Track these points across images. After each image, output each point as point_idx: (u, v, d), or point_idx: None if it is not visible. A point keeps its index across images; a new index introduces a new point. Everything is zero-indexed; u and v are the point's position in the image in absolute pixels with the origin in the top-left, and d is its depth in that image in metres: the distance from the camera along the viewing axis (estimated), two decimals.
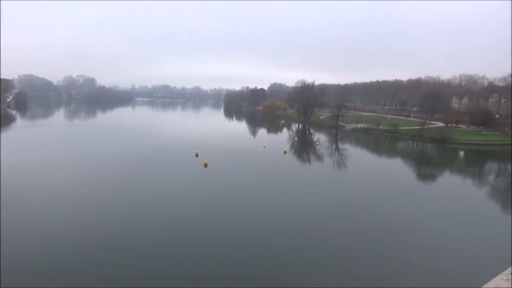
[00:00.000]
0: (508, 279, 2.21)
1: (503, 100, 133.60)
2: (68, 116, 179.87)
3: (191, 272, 25.57)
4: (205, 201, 42.51)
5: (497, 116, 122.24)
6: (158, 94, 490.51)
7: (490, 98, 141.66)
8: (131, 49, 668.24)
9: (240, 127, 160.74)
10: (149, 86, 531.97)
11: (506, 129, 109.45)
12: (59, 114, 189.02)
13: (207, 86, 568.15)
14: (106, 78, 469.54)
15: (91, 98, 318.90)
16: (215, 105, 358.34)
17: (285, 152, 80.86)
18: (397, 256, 29.20)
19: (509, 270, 2.33)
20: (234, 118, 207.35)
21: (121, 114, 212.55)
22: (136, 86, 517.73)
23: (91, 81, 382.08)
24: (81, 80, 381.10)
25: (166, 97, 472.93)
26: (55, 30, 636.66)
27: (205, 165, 61.71)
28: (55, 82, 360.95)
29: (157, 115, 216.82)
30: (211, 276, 25.14)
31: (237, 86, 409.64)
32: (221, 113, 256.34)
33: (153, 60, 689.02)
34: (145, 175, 54.43)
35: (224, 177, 55.62)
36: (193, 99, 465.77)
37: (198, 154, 70.31)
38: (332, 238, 32.45)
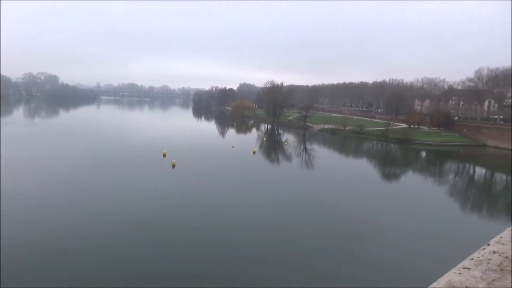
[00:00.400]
0: (460, 273, 2.25)
1: (461, 103, 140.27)
2: (28, 115, 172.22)
3: (153, 274, 25.09)
4: (171, 202, 41.87)
5: (456, 118, 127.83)
6: (124, 93, 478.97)
7: (450, 101, 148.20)
8: (96, 47, 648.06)
9: (209, 127, 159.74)
10: (115, 84, 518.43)
11: (465, 130, 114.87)
12: (18, 113, 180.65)
13: (175, 85, 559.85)
14: (69, 76, 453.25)
15: (53, 96, 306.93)
16: (184, 105, 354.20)
17: (254, 153, 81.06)
18: (361, 255, 29.87)
19: (461, 264, 2.38)
20: (203, 118, 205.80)
21: (85, 113, 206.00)
22: (101, 85, 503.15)
23: (53, 79, 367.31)
24: (42, 77, 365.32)
25: (133, 96, 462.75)
26: (12, 25, 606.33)
27: (173, 166, 60.83)
28: (13, 79, 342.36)
29: (123, 114, 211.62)
30: (174, 277, 24.80)
31: (206, 86, 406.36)
32: (189, 112, 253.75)
33: (119, 58, 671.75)
34: (108, 176, 52.95)
35: (192, 177, 55.04)
36: (161, 98, 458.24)
37: (165, 155, 69.17)
38: (298, 238, 32.76)
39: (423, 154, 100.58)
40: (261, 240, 31.57)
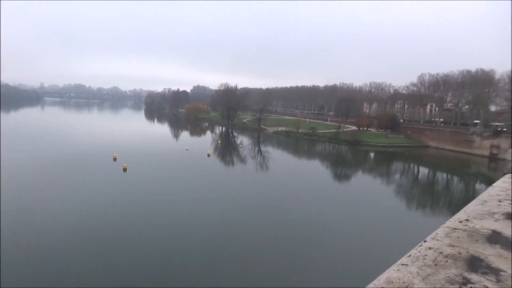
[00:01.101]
0: (398, 269, 2.38)
1: (406, 106, 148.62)
2: None
3: (94, 285, 24.16)
4: (121, 208, 40.27)
5: (401, 120, 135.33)
6: (71, 94, 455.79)
7: (396, 104, 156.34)
8: (39, 47, 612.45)
9: (162, 129, 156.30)
10: (61, 85, 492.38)
11: (409, 132, 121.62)
12: None
13: (126, 87, 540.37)
14: (9, 76, 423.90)
15: None
16: (135, 107, 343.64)
17: (208, 155, 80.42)
18: (306, 257, 30.14)
19: (400, 261, 2.52)
20: (155, 120, 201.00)
21: (28, 115, 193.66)
22: (46, 85, 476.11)
23: None
24: None
25: (80, 98, 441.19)
26: None
27: (124, 170, 58.83)
28: None
29: (71, 117, 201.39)
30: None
31: (158, 88, 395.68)
32: (141, 115, 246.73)
33: (64, 58, 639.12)
34: (54, 182, 50.06)
35: (144, 181, 53.41)
36: (111, 100, 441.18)
37: (116, 158, 66.75)
38: (246, 242, 32.76)
39: (372, 155, 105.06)
40: (211, 246, 31.13)
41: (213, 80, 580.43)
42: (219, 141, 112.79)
